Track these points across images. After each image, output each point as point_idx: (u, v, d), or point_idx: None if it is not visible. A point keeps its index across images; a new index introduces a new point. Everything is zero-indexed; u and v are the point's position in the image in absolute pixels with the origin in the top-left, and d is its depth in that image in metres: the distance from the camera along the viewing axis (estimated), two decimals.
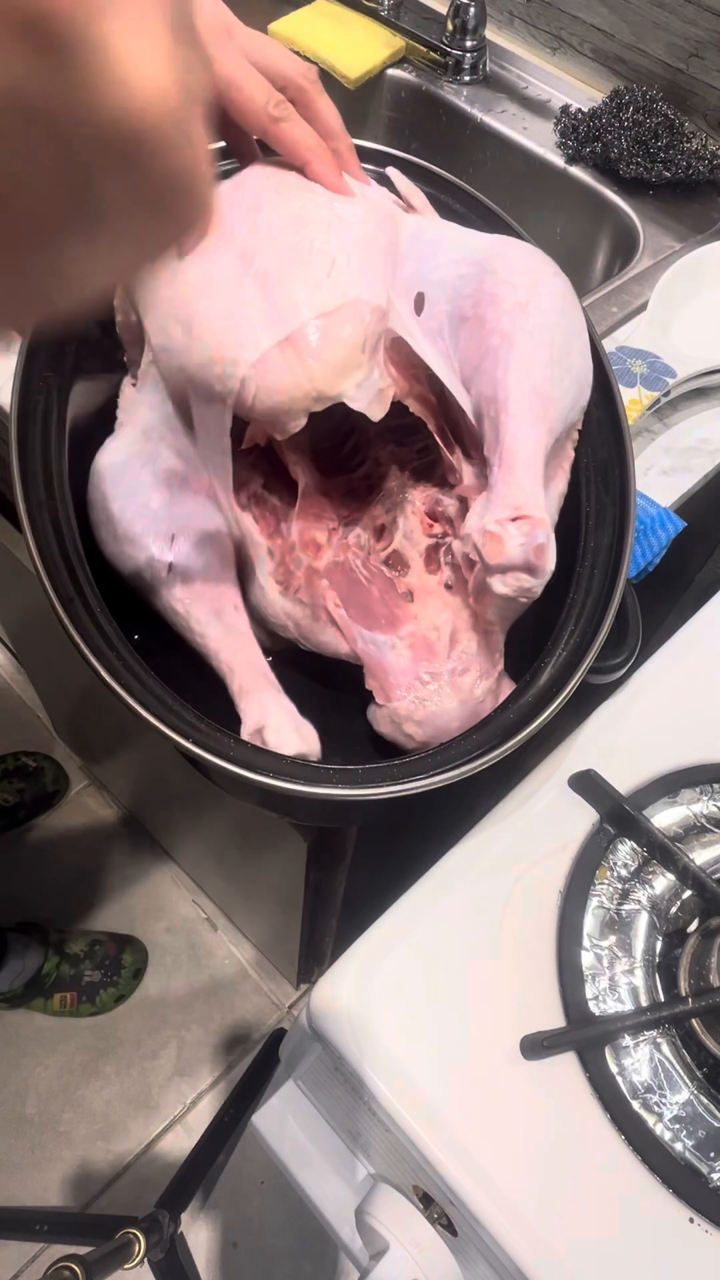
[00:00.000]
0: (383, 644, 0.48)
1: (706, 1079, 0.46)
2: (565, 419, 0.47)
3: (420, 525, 0.51)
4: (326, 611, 0.48)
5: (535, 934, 0.49)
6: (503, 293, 0.45)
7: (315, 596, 0.48)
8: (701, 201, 0.85)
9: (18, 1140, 1.25)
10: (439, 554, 0.50)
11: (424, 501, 0.52)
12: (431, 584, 0.50)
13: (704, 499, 0.69)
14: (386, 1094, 0.45)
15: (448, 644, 0.48)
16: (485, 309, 0.45)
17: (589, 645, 0.46)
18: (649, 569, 0.60)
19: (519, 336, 0.44)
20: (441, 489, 0.52)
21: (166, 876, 1.44)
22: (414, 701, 0.46)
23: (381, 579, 0.50)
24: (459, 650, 0.47)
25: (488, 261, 0.47)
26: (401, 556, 0.51)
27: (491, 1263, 0.44)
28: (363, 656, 0.48)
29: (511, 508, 0.42)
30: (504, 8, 0.97)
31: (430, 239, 0.49)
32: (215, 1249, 1.20)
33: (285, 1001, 1.36)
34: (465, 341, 0.46)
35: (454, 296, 0.47)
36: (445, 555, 0.50)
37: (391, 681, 0.47)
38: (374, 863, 0.84)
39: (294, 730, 0.45)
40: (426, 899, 0.51)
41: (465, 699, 0.46)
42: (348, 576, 0.50)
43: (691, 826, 0.53)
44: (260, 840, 0.85)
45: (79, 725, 1.38)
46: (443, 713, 0.46)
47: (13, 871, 1.41)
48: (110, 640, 0.44)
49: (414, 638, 0.48)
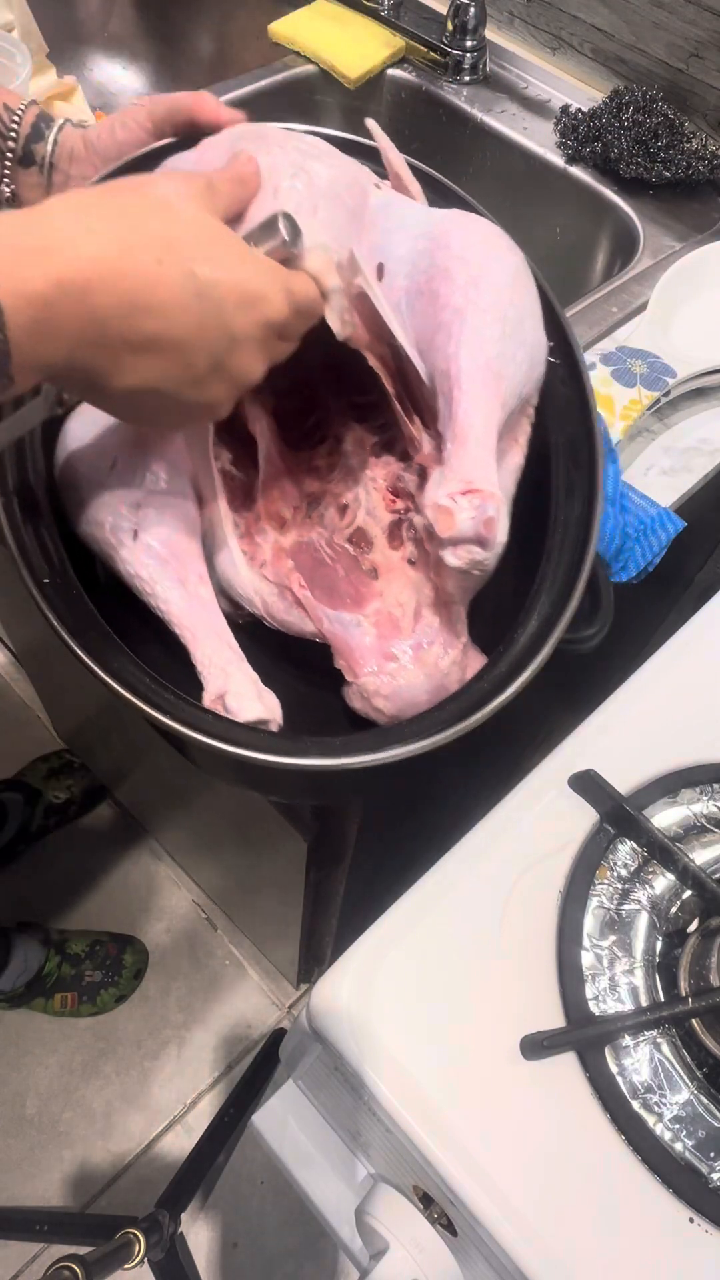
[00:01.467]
0: (348, 623, 0.48)
1: (706, 1079, 0.46)
2: (519, 393, 0.47)
3: (382, 501, 0.52)
4: (292, 592, 0.49)
5: (535, 934, 0.49)
6: (455, 267, 0.46)
7: (281, 575, 0.49)
8: (701, 201, 0.85)
9: (18, 1140, 1.25)
10: (401, 529, 0.51)
11: (385, 478, 0.52)
12: (395, 560, 0.50)
13: (704, 499, 0.69)
14: (386, 1094, 0.45)
15: (412, 620, 0.48)
16: (438, 283, 0.46)
17: (560, 615, 0.47)
18: (649, 569, 0.60)
19: (471, 311, 0.45)
20: (402, 464, 0.52)
21: (167, 876, 1.44)
22: (381, 677, 0.47)
23: (346, 557, 0.51)
24: (422, 625, 0.48)
25: (442, 236, 0.47)
26: (365, 533, 0.52)
27: (491, 1263, 0.44)
28: (329, 636, 0.48)
29: (462, 481, 0.43)
30: (504, 8, 0.98)
31: (396, 213, 0.49)
32: (215, 1249, 1.20)
33: (285, 1001, 1.36)
34: (419, 316, 0.46)
35: (411, 271, 0.47)
36: (408, 530, 0.51)
37: (358, 659, 0.48)
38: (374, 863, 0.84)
39: (256, 697, 0.46)
40: (426, 899, 0.51)
41: (431, 672, 0.47)
42: (313, 556, 0.50)
43: (691, 826, 0.53)
44: (260, 840, 0.86)
45: (79, 725, 1.38)
46: (409, 686, 0.47)
47: (14, 872, 1.41)
48: (90, 619, 0.45)
49: (379, 615, 0.49)
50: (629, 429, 0.64)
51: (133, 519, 0.46)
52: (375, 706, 0.47)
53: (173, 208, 0.37)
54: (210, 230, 0.38)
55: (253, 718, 0.45)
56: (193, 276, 0.36)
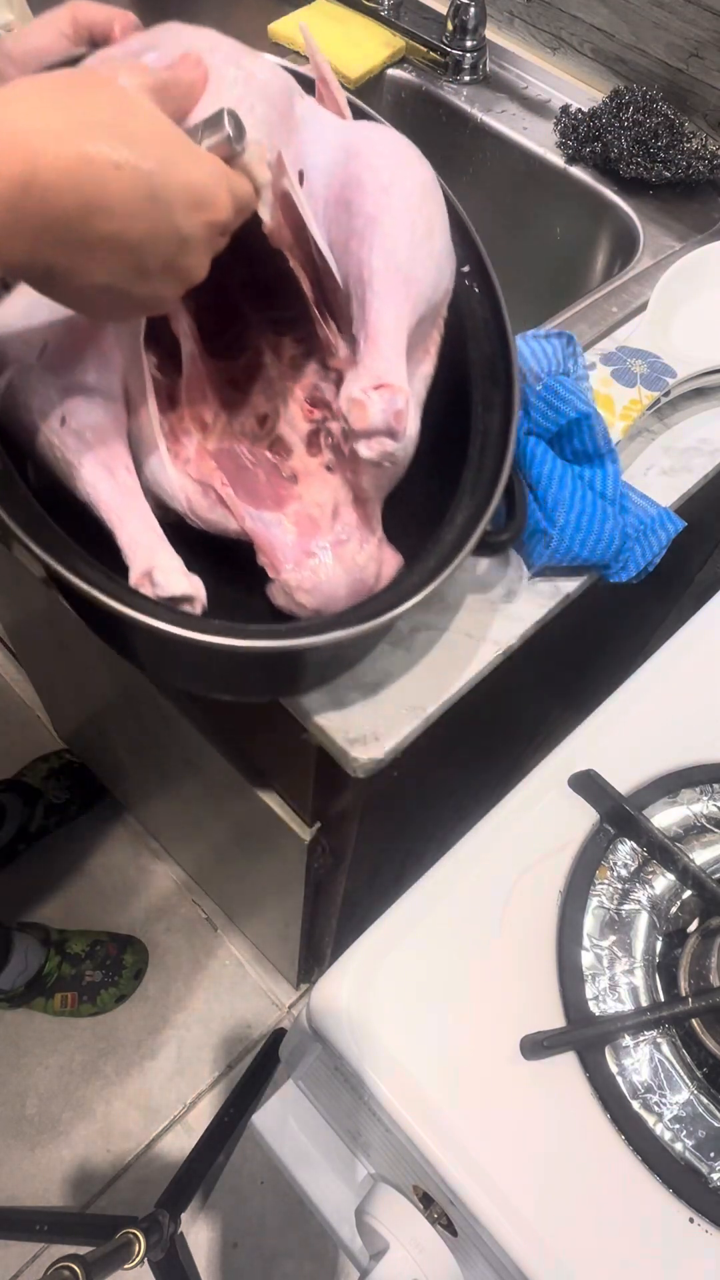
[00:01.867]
0: (270, 521, 0.51)
1: (706, 1079, 0.46)
2: (428, 299, 0.49)
3: (301, 411, 0.54)
4: (215, 490, 0.50)
5: (535, 934, 0.49)
6: (368, 177, 0.48)
7: (205, 474, 0.50)
8: (701, 201, 0.85)
9: (18, 1140, 1.25)
10: (319, 437, 0.53)
11: (304, 389, 0.54)
12: (313, 466, 0.53)
13: (704, 499, 0.69)
14: (386, 1094, 0.45)
15: (330, 518, 0.51)
16: (352, 192, 0.48)
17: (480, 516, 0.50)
18: (649, 569, 0.60)
19: (383, 218, 0.47)
20: (320, 374, 0.54)
21: (166, 876, 1.44)
22: (303, 572, 0.49)
23: (266, 464, 0.53)
24: (340, 523, 0.51)
25: (354, 146, 0.49)
26: (284, 442, 0.54)
27: (491, 1263, 0.44)
28: (251, 534, 0.50)
29: (374, 377, 0.46)
30: (504, 8, 0.97)
31: (317, 125, 0.51)
32: (215, 1249, 1.20)
33: (285, 1001, 1.36)
34: (334, 224, 0.49)
35: (329, 181, 0.49)
36: (325, 438, 0.53)
37: (279, 556, 0.50)
38: (374, 863, 0.84)
39: (182, 574, 0.47)
40: (426, 899, 0.51)
41: (349, 566, 0.50)
42: (234, 462, 0.52)
43: (691, 826, 0.54)
44: (260, 840, 0.86)
45: (79, 725, 1.38)
46: (330, 581, 0.49)
47: (14, 872, 1.41)
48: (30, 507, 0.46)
49: (299, 515, 0.51)
50: (629, 429, 0.64)
51: (61, 405, 0.46)
52: (298, 601, 0.50)
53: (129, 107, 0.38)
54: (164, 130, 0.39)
55: (179, 592, 0.46)
56: (148, 178, 0.37)
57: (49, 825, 1.43)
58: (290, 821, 0.74)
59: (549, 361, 0.60)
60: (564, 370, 0.61)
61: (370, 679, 0.55)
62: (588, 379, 0.65)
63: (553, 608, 0.59)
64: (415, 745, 0.54)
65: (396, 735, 0.53)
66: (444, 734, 0.57)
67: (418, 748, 0.55)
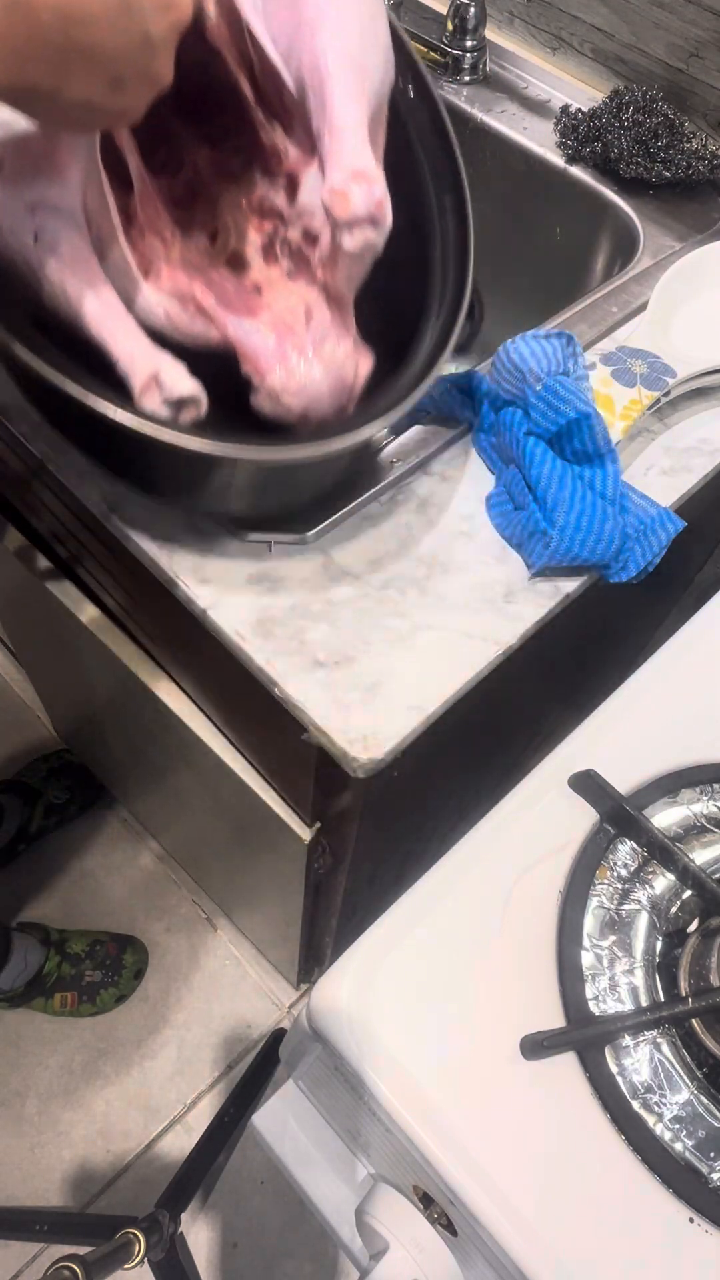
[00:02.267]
0: (249, 329, 0.52)
1: (706, 1079, 0.46)
2: (378, 93, 0.50)
3: (251, 222, 0.54)
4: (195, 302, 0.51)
5: (535, 934, 0.49)
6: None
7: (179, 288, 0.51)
8: (701, 201, 0.85)
9: (18, 1140, 1.25)
10: (275, 247, 0.54)
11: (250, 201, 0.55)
12: (274, 275, 0.54)
13: (704, 499, 0.69)
14: (386, 1094, 0.45)
15: (304, 321, 0.52)
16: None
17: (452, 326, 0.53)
18: (649, 569, 0.60)
19: (332, 10, 0.48)
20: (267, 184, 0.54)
21: (167, 876, 1.44)
22: (285, 375, 0.51)
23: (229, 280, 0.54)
24: (315, 324, 0.52)
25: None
26: (239, 256, 0.54)
27: (491, 1263, 0.44)
28: (234, 342, 0.51)
29: (350, 170, 0.46)
30: (504, 8, 0.97)
31: None
32: (215, 1249, 1.20)
33: (285, 1001, 1.36)
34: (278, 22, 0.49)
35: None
36: (281, 246, 0.54)
37: (263, 363, 0.51)
38: (374, 863, 0.84)
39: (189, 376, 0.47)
40: (426, 899, 0.51)
41: (329, 365, 0.52)
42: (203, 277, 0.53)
43: (691, 826, 0.54)
44: (260, 840, 0.86)
45: (79, 725, 1.38)
46: (312, 381, 0.51)
47: (14, 872, 1.41)
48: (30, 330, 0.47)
49: (275, 322, 0.53)
50: (629, 429, 0.64)
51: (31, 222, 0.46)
52: (284, 405, 0.51)
53: None
54: None
55: (186, 393, 0.47)
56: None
57: (49, 825, 1.43)
58: (290, 821, 0.74)
59: (549, 361, 0.60)
60: (564, 370, 0.61)
61: (370, 679, 0.55)
62: (588, 379, 0.65)
63: (553, 608, 0.59)
64: (415, 745, 0.54)
65: (396, 735, 0.53)
66: (444, 734, 0.57)
67: (418, 748, 0.55)
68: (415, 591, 0.58)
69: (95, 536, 0.70)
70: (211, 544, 0.59)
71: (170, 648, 0.77)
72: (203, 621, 0.57)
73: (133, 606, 0.77)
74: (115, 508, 0.60)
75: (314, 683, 0.55)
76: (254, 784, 0.75)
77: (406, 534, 0.61)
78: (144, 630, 0.79)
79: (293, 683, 0.54)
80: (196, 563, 0.58)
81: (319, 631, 0.56)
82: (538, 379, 0.60)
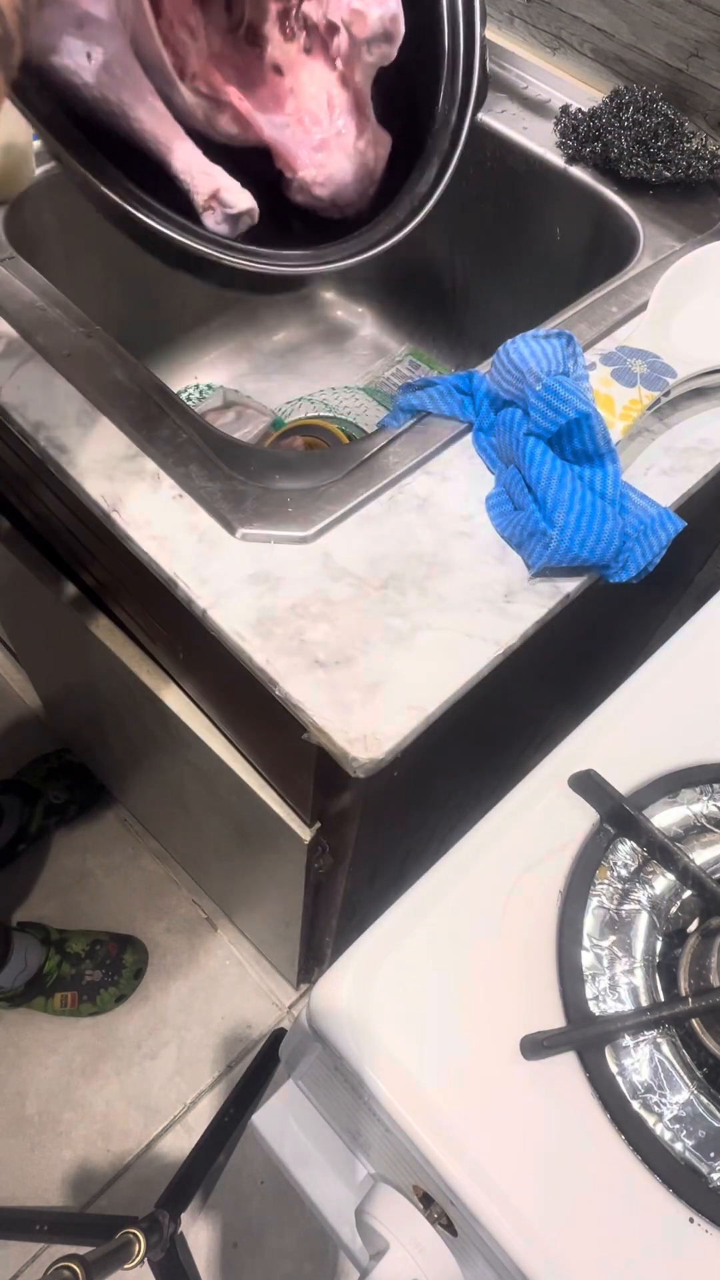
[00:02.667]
0: (279, 124, 0.57)
1: (706, 1079, 0.46)
2: None
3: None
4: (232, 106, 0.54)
5: (535, 934, 0.49)
6: None
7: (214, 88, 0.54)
8: (701, 201, 0.85)
9: (18, 1140, 1.25)
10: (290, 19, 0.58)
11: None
12: (293, 52, 0.58)
13: (704, 499, 0.69)
14: (386, 1094, 0.45)
15: (328, 110, 0.58)
16: None
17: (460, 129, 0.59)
18: (649, 569, 0.60)
19: None
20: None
21: (166, 876, 1.44)
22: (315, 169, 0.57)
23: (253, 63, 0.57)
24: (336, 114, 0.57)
25: None
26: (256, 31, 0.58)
27: (491, 1263, 0.44)
28: (269, 141, 0.56)
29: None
30: (504, 8, 0.97)
31: None
32: (215, 1249, 1.20)
33: (285, 1001, 1.36)
34: None
35: None
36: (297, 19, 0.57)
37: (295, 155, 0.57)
38: (374, 863, 0.84)
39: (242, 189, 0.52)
40: (426, 899, 0.51)
41: (350, 153, 0.57)
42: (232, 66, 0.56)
43: (691, 826, 0.54)
44: (260, 840, 0.86)
45: (79, 725, 1.38)
46: (338, 170, 0.57)
47: (14, 871, 1.41)
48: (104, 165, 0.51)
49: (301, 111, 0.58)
50: (629, 429, 0.64)
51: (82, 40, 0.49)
52: (314, 195, 0.58)
53: None
54: None
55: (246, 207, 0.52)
56: None
57: (49, 825, 1.43)
58: (290, 821, 0.74)
59: (549, 361, 0.60)
60: (564, 370, 0.61)
61: (370, 679, 0.55)
62: (588, 379, 0.65)
63: (553, 608, 0.59)
64: (415, 745, 0.54)
65: (396, 735, 0.53)
66: (444, 734, 0.57)
67: (418, 748, 0.55)
68: (415, 591, 0.58)
69: (95, 536, 0.70)
70: (212, 544, 0.59)
71: (170, 648, 0.77)
72: (203, 621, 0.57)
73: (133, 607, 0.77)
74: (116, 507, 0.60)
75: (314, 683, 0.55)
76: (254, 784, 0.75)
77: (406, 534, 0.61)
78: (144, 630, 0.79)
79: (293, 682, 0.54)
80: (196, 563, 0.58)
81: (319, 631, 0.56)
82: (537, 379, 0.60)
